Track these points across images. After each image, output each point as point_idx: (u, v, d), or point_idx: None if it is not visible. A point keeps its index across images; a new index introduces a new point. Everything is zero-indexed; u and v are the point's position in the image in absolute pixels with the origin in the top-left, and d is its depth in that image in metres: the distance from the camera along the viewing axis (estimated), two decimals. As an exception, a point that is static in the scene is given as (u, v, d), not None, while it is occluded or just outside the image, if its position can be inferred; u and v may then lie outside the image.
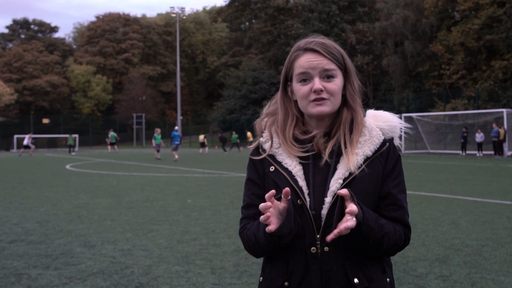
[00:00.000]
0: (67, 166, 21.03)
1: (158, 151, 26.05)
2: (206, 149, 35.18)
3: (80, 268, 4.84)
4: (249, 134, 38.56)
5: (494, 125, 27.10)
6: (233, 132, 40.49)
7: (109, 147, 38.45)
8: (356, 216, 1.36)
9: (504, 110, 28.32)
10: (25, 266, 4.93)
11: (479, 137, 27.80)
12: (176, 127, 27.90)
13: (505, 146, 26.72)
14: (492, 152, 27.25)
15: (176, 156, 24.85)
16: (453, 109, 35.93)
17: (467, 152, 28.79)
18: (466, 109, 35.76)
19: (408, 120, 34.72)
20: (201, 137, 35.17)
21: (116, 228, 6.87)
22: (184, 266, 4.87)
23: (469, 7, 38.71)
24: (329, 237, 1.35)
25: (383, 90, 48.10)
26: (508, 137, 27.17)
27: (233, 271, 4.69)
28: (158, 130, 26.70)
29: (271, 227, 1.36)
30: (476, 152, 28.23)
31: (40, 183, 13.44)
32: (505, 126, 27.11)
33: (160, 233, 6.48)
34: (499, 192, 10.40)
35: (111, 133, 38.12)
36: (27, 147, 33.92)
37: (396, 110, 40.58)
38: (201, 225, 7.01)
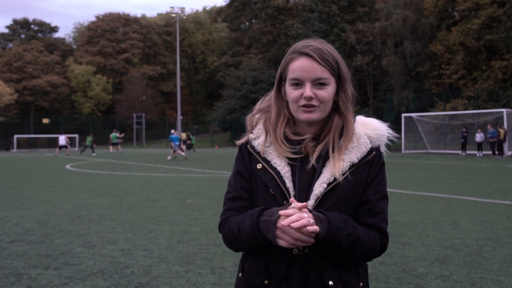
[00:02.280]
0: (67, 166, 21.02)
1: (183, 150, 26.41)
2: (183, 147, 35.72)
3: (80, 268, 4.84)
4: (182, 134, 38.17)
5: (489, 126, 27.09)
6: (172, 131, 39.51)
7: (110, 147, 39.00)
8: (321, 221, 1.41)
9: (504, 110, 28.34)
10: (25, 266, 4.93)
11: (479, 137, 27.81)
12: (172, 130, 28.40)
13: (505, 146, 26.72)
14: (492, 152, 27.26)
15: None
16: (453, 109, 35.93)
17: (467, 152, 28.79)
18: (466, 109, 35.75)
19: (408, 120, 34.78)
20: (183, 134, 35.48)
21: (116, 228, 6.87)
22: (184, 266, 4.87)
23: (469, 7, 38.69)
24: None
25: (383, 90, 48.06)
26: (508, 137, 27.17)
27: (233, 271, 4.68)
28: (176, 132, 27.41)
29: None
30: (476, 152, 28.23)
31: (40, 183, 13.43)
32: (505, 126, 27.10)
33: (160, 233, 6.48)
34: (499, 192, 10.40)
35: (112, 134, 38.59)
36: (64, 147, 34.44)
37: (396, 110, 40.62)
38: (201, 225, 7.01)
